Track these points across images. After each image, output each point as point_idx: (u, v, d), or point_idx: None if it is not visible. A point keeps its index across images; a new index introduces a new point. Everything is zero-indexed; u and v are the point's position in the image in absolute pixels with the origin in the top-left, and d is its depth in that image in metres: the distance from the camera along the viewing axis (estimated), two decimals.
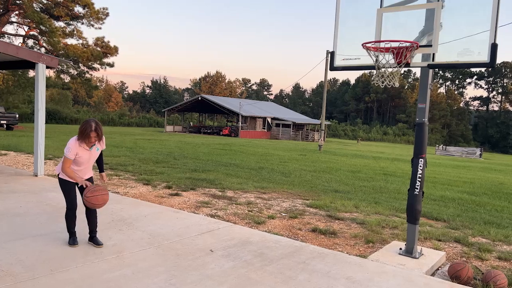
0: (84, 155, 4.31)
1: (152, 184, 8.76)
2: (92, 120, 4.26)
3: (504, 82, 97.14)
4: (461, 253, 5.29)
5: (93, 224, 4.48)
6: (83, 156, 4.30)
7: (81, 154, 4.28)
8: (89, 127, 4.15)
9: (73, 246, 4.34)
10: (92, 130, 4.16)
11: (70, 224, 4.42)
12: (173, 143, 24.46)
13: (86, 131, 4.15)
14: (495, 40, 3.74)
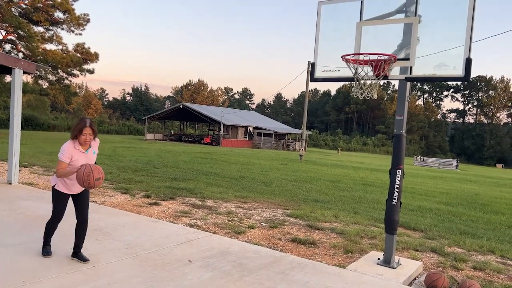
0: (80, 158, 4.00)
1: (130, 193, 8.62)
2: (86, 117, 4.07)
3: (479, 95, 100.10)
4: (438, 263, 5.37)
5: (81, 238, 4.23)
6: (79, 159, 3.99)
7: (77, 157, 3.99)
8: (83, 123, 3.95)
9: (47, 256, 4.21)
10: (87, 126, 3.94)
11: (49, 233, 4.24)
12: (153, 151, 24.20)
13: (80, 127, 3.92)
14: (469, 55, 3.85)
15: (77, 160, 3.99)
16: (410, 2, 4.37)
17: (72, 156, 3.97)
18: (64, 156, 3.93)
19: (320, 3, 4.71)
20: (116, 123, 72.72)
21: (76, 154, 4.00)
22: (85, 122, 3.96)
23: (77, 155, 4.00)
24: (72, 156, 3.96)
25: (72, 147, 3.98)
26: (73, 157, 3.97)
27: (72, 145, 3.99)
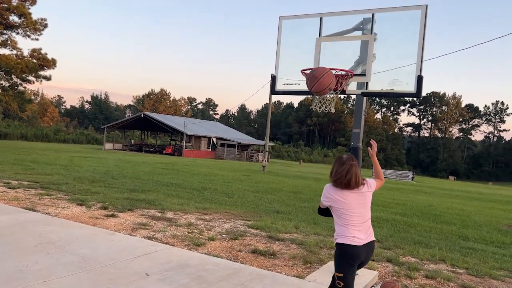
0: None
1: (86, 205, 8.32)
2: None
3: (433, 110, 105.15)
4: (393, 272, 5.54)
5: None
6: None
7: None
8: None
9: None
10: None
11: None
12: (112, 161, 23.52)
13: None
14: (421, 72, 4.06)
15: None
16: (366, 21, 4.56)
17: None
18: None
19: (281, 18, 4.83)
20: (74, 132, 70.31)
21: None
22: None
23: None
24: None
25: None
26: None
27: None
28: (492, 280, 5.52)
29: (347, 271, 3.15)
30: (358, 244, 3.18)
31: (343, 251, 3.18)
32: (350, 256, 3.18)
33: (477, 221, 11.80)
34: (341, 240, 3.21)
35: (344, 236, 3.19)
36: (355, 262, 3.20)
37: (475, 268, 5.96)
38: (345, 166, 3.21)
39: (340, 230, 3.23)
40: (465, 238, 8.81)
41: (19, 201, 8.00)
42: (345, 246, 3.17)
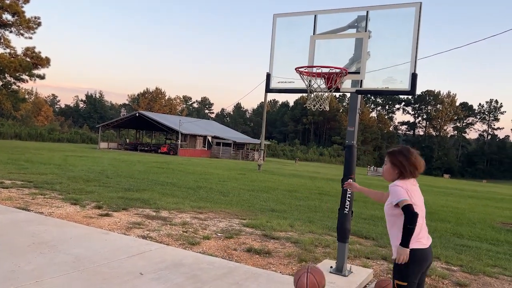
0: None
1: (80, 204, 8.27)
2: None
3: (428, 109, 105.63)
4: (388, 270, 5.54)
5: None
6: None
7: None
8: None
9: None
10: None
11: None
12: (107, 161, 23.42)
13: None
14: (415, 70, 4.06)
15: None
16: (361, 18, 4.55)
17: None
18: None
19: (275, 16, 4.81)
20: (68, 131, 69.91)
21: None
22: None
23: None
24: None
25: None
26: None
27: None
28: (486, 277, 5.54)
29: (413, 279, 2.82)
30: (426, 247, 2.87)
31: (417, 255, 2.79)
32: (423, 261, 2.84)
33: (471, 218, 11.87)
34: (417, 244, 2.81)
35: (418, 239, 2.83)
36: (425, 268, 2.91)
37: (469, 266, 5.98)
38: (413, 152, 2.98)
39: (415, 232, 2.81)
40: (459, 235, 8.85)
41: (12, 201, 7.94)
42: (417, 251, 2.80)
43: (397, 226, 2.87)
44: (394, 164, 2.96)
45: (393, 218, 2.90)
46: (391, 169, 2.99)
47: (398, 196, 2.79)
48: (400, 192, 2.80)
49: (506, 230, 10.22)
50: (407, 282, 2.79)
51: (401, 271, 2.81)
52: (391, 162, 2.99)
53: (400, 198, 2.77)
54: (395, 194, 2.82)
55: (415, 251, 2.78)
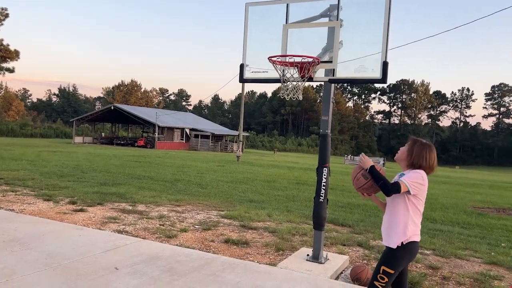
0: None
1: (54, 200, 8.08)
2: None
3: (403, 97, 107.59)
4: (363, 256, 5.65)
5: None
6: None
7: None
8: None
9: None
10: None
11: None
12: (82, 155, 22.93)
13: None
14: (386, 59, 4.11)
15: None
16: (333, 7, 4.56)
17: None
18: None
19: (247, 5, 4.76)
20: (41, 125, 68.08)
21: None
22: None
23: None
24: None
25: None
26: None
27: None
28: (457, 260, 5.72)
29: (399, 269, 2.88)
30: (419, 240, 2.95)
31: (410, 249, 2.86)
32: (414, 253, 2.92)
33: (444, 203, 12.20)
34: (416, 237, 2.87)
35: (415, 232, 2.88)
36: (413, 259, 2.99)
37: (441, 249, 6.16)
38: (434, 151, 2.92)
39: (414, 225, 2.87)
40: (433, 220, 9.08)
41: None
42: (414, 244, 2.87)
43: (399, 209, 2.88)
44: (411, 151, 2.93)
45: (394, 204, 2.92)
46: (407, 153, 2.95)
47: (412, 179, 2.79)
48: (417, 179, 2.80)
49: (477, 214, 10.56)
50: (394, 270, 2.84)
51: (392, 259, 2.86)
52: (410, 147, 2.95)
53: (410, 182, 2.77)
54: (413, 175, 2.82)
55: (413, 244, 2.85)
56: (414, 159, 2.89)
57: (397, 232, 2.86)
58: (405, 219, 2.84)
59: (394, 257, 2.85)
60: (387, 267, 2.86)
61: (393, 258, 2.85)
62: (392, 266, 2.85)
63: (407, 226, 2.83)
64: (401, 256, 2.84)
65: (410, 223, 2.84)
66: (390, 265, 2.85)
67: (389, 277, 2.85)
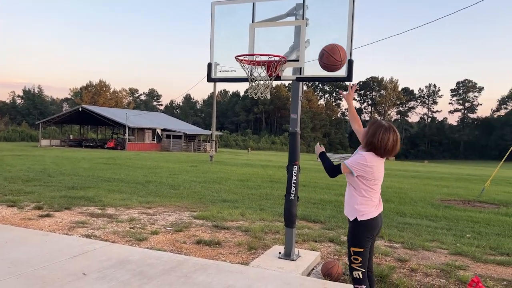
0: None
1: (18, 206, 7.79)
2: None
3: (372, 94, 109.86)
4: (334, 251, 5.73)
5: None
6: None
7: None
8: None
9: None
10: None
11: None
12: (49, 159, 22.23)
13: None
14: (351, 56, 4.17)
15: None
16: (299, 6, 4.59)
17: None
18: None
19: (213, 3, 4.72)
20: (5, 129, 65.56)
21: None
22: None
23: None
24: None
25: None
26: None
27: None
28: (425, 252, 5.89)
29: (367, 245, 3.03)
30: (377, 215, 3.06)
31: (368, 225, 3.01)
32: (373, 229, 3.04)
33: (413, 197, 12.52)
34: (368, 215, 3.00)
35: (369, 210, 3.01)
36: (375, 234, 3.11)
37: (410, 242, 6.32)
38: (393, 134, 2.97)
39: (366, 203, 3.01)
40: (402, 214, 9.30)
41: None
42: (370, 220, 3.01)
43: (352, 188, 3.10)
44: (368, 130, 3.04)
45: (349, 182, 3.13)
46: (364, 134, 3.08)
47: (352, 161, 3.00)
48: (358, 160, 2.97)
49: (444, 206, 10.90)
50: (362, 248, 3.01)
51: (356, 239, 3.03)
52: (368, 128, 3.07)
53: (350, 163, 2.99)
54: (354, 158, 3.03)
55: (370, 221, 3.01)
56: (368, 138, 2.99)
57: (352, 208, 3.07)
58: (359, 198, 3.03)
59: (356, 236, 3.04)
60: (355, 247, 3.04)
61: (356, 236, 3.04)
62: (359, 244, 3.02)
63: (361, 204, 3.01)
64: (361, 233, 3.01)
65: (363, 201, 3.01)
66: (357, 244, 3.03)
67: (361, 255, 3.01)
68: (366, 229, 3.01)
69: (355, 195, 3.06)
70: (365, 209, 3.01)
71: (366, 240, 3.02)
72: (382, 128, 2.96)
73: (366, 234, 3.01)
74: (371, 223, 3.01)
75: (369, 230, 3.02)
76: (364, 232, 3.00)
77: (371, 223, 3.01)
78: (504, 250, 6.07)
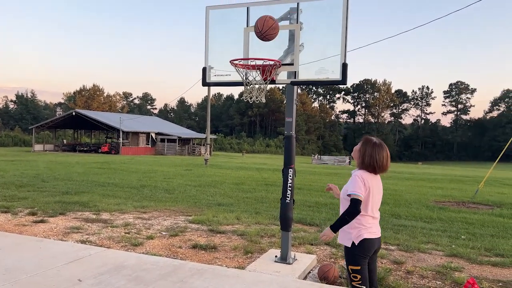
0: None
1: (12, 212, 7.73)
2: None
3: (366, 97, 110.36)
4: (330, 254, 5.74)
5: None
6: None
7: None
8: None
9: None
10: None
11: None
12: (42, 164, 22.08)
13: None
14: (345, 60, 4.19)
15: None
16: (293, 10, 4.61)
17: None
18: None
19: (208, 8, 4.73)
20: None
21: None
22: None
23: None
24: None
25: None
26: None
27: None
28: (420, 254, 5.91)
29: (363, 263, 3.04)
30: (377, 237, 3.10)
31: (365, 245, 3.02)
32: (370, 249, 3.06)
33: (408, 199, 12.58)
34: (366, 235, 3.01)
35: (368, 230, 3.03)
36: (371, 253, 3.11)
37: (405, 244, 6.35)
38: (385, 150, 3.06)
39: (363, 224, 3.03)
40: (397, 216, 9.34)
41: None
42: (365, 241, 3.02)
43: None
44: (363, 150, 3.08)
45: (346, 203, 3.05)
46: (358, 153, 3.12)
47: (354, 188, 2.94)
48: (357, 183, 2.95)
49: (438, 208, 10.95)
50: (359, 266, 3.02)
51: (352, 258, 3.04)
52: (361, 147, 3.11)
53: (355, 191, 2.93)
54: (352, 184, 2.99)
55: (365, 241, 3.01)
56: (365, 159, 3.04)
57: (348, 232, 3.05)
58: (354, 220, 2.98)
59: (352, 255, 3.04)
60: (352, 265, 3.05)
61: (352, 256, 3.04)
62: (355, 263, 3.03)
63: (356, 227, 3.01)
64: (358, 254, 3.02)
65: (358, 223, 3.01)
66: (353, 262, 3.04)
67: (359, 273, 3.02)
68: (363, 250, 3.02)
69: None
70: (361, 231, 3.01)
71: (362, 259, 3.03)
72: (376, 147, 3.05)
73: (362, 254, 3.02)
74: (367, 243, 3.02)
75: (366, 250, 3.03)
76: (360, 253, 3.02)
77: (367, 244, 3.02)
78: (499, 251, 6.11)
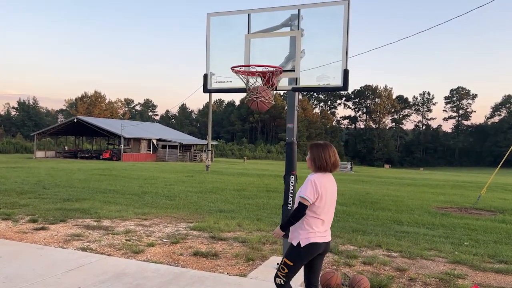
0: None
1: (13, 219, 7.70)
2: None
3: (367, 103, 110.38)
4: (332, 261, 5.69)
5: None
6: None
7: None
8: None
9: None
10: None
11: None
12: (44, 171, 22.07)
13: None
14: (346, 66, 4.19)
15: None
16: (294, 17, 4.62)
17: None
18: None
19: (209, 15, 4.75)
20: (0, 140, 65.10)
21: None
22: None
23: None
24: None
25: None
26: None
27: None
28: (423, 261, 5.86)
29: (299, 264, 3.12)
30: (325, 241, 3.13)
31: (310, 249, 3.06)
32: (313, 253, 3.11)
33: (410, 205, 12.52)
34: (314, 239, 3.05)
35: (317, 234, 3.07)
36: (314, 256, 3.15)
37: (408, 251, 6.30)
38: (330, 147, 3.16)
39: (311, 228, 3.06)
40: (399, 222, 9.29)
41: None
42: (313, 245, 3.05)
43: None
44: (311, 155, 3.20)
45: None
46: (309, 160, 3.22)
47: (305, 192, 3.03)
48: (308, 188, 3.03)
49: (441, 214, 10.90)
50: (293, 263, 3.11)
51: (292, 254, 3.13)
52: (309, 153, 3.23)
53: (304, 195, 3.02)
54: (304, 188, 3.06)
55: (311, 245, 3.06)
56: (316, 162, 3.14)
57: (297, 233, 3.12)
58: (301, 223, 3.08)
59: (293, 253, 3.12)
60: (288, 260, 3.13)
61: (293, 253, 3.12)
62: (292, 260, 3.11)
63: (305, 229, 3.08)
64: (299, 254, 3.10)
65: (306, 227, 3.07)
66: (290, 258, 3.13)
67: (289, 268, 3.12)
68: (306, 253, 3.08)
69: (301, 221, 3.08)
70: (309, 234, 3.07)
71: (301, 260, 3.11)
72: (320, 148, 3.16)
73: (304, 256, 3.10)
74: (313, 247, 3.07)
75: (308, 254, 3.09)
76: (303, 254, 3.09)
77: (312, 248, 3.07)
78: (502, 258, 6.07)
